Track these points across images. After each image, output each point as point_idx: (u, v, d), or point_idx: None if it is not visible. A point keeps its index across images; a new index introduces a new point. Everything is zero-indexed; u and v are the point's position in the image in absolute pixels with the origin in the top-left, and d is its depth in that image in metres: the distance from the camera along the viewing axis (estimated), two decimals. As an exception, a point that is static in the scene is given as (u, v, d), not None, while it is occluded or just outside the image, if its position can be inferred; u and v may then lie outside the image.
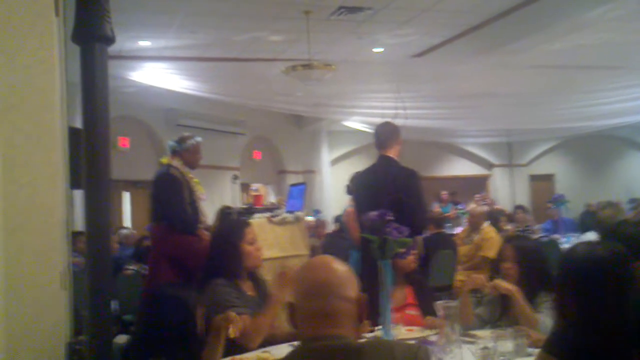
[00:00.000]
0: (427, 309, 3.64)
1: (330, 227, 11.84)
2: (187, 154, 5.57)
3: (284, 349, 2.95)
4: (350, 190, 6.67)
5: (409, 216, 4.33)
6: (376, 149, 5.00)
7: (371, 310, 3.50)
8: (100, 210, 1.49)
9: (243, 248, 3.54)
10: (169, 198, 5.35)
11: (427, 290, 3.97)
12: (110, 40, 1.49)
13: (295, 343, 2.76)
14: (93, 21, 1.46)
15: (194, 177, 5.65)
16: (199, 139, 5.70)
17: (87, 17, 1.46)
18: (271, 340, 3.26)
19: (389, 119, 5.36)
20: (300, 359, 1.85)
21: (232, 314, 2.81)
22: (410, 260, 3.79)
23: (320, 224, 11.56)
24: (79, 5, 1.47)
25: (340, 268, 1.91)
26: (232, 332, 2.78)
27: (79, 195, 3.33)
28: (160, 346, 2.63)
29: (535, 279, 3.46)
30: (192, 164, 5.62)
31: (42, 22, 2.49)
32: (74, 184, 3.04)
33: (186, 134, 5.82)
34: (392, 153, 4.88)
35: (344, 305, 1.85)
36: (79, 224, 5.66)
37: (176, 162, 5.52)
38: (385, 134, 4.94)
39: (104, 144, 1.48)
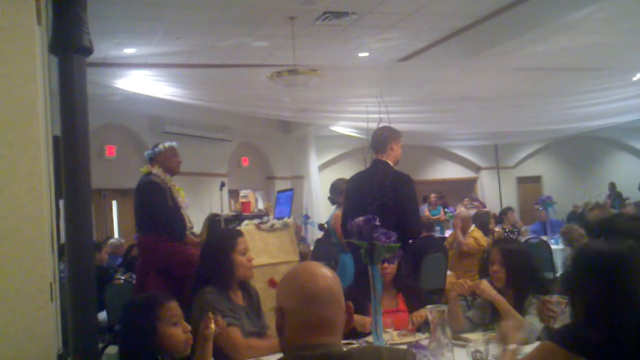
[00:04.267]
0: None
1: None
2: (162, 157, 5.54)
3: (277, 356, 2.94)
4: (334, 200, 6.65)
5: (403, 221, 4.34)
6: (373, 153, 5.01)
7: (361, 313, 3.52)
8: (80, 221, 1.47)
9: (235, 258, 3.51)
10: (153, 204, 5.33)
11: (418, 296, 3.95)
12: (88, 50, 1.47)
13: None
14: (70, 32, 1.44)
15: (176, 185, 5.63)
16: (173, 143, 5.70)
17: (64, 28, 1.45)
18: None
19: (373, 123, 5.37)
20: None
21: (210, 313, 2.80)
22: (388, 272, 3.77)
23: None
24: (56, 16, 1.45)
25: (334, 276, 1.91)
26: (213, 329, 2.76)
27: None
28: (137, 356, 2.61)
29: (523, 281, 3.47)
30: (172, 169, 5.60)
31: (24, 31, 2.46)
32: (60, 194, 3.01)
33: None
34: (387, 158, 4.89)
35: (340, 313, 1.86)
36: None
37: (156, 170, 5.50)
38: (381, 139, 4.95)
39: (84, 154, 1.46)
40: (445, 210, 13.65)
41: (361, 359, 1.78)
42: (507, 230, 10.31)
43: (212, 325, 2.77)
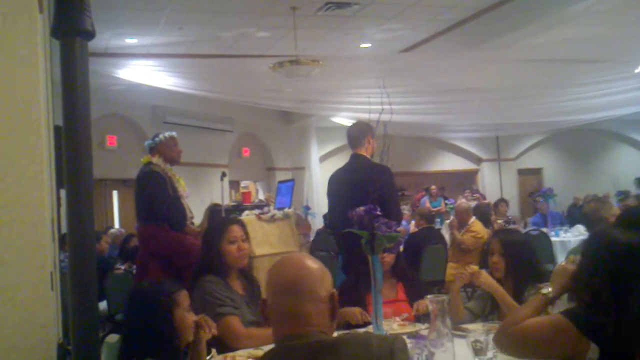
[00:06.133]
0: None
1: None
2: (162, 147, 5.54)
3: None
4: None
5: (386, 212, 4.37)
6: (350, 148, 5.13)
7: (363, 304, 3.53)
8: (82, 210, 1.46)
9: (222, 247, 3.51)
10: (154, 194, 5.33)
11: (418, 286, 3.97)
12: (91, 34, 1.45)
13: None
14: (73, 15, 1.43)
15: (176, 174, 5.64)
16: (173, 133, 5.69)
17: (66, 11, 1.43)
18: None
19: (375, 114, 5.40)
20: (277, 358, 1.85)
21: (199, 319, 2.80)
22: (387, 261, 3.78)
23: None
24: (57, 0, 1.44)
25: (312, 266, 1.90)
26: (204, 334, 2.78)
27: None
28: (142, 346, 2.62)
29: (523, 272, 3.47)
30: (172, 159, 5.59)
31: (26, 19, 2.45)
32: (61, 183, 3.00)
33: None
34: (364, 151, 5.01)
35: (314, 304, 1.84)
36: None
37: (156, 159, 5.50)
38: (356, 134, 5.09)
39: (85, 141, 1.45)
40: (446, 202, 13.67)
41: (351, 345, 1.78)
42: (501, 220, 10.33)
43: (208, 333, 2.79)
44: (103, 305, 6.68)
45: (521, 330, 2.19)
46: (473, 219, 8.44)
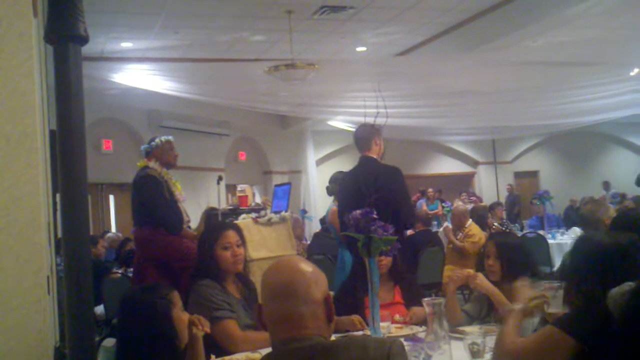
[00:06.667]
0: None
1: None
2: (159, 151, 5.54)
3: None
4: (330, 191, 6.68)
5: (396, 212, 4.38)
6: (357, 150, 5.14)
7: (360, 307, 3.53)
8: (76, 214, 1.46)
9: (216, 253, 3.50)
10: (151, 198, 5.32)
11: (415, 289, 3.97)
12: (84, 39, 1.45)
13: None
14: (66, 21, 1.43)
15: (173, 178, 5.63)
16: (169, 137, 5.69)
17: (59, 17, 1.43)
18: None
19: (371, 118, 5.41)
20: None
21: (192, 317, 2.81)
22: (383, 264, 3.78)
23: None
24: (51, 4, 1.44)
25: (305, 269, 1.89)
26: (198, 333, 2.78)
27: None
28: (141, 349, 2.62)
29: (519, 274, 3.47)
30: (169, 163, 5.59)
31: (20, 24, 2.45)
32: (57, 187, 3.00)
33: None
34: (372, 153, 5.04)
35: (308, 307, 1.83)
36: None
37: (153, 164, 5.50)
38: (364, 136, 5.11)
39: (79, 145, 1.44)
40: (443, 204, 13.68)
41: (348, 349, 1.78)
42: (497, 223, 10.31)
43: (201, 331, 2.79)
44: (100, 309, 6.67)
45: (517, 352, 2.20)
46: (470, 221, 8.43)
